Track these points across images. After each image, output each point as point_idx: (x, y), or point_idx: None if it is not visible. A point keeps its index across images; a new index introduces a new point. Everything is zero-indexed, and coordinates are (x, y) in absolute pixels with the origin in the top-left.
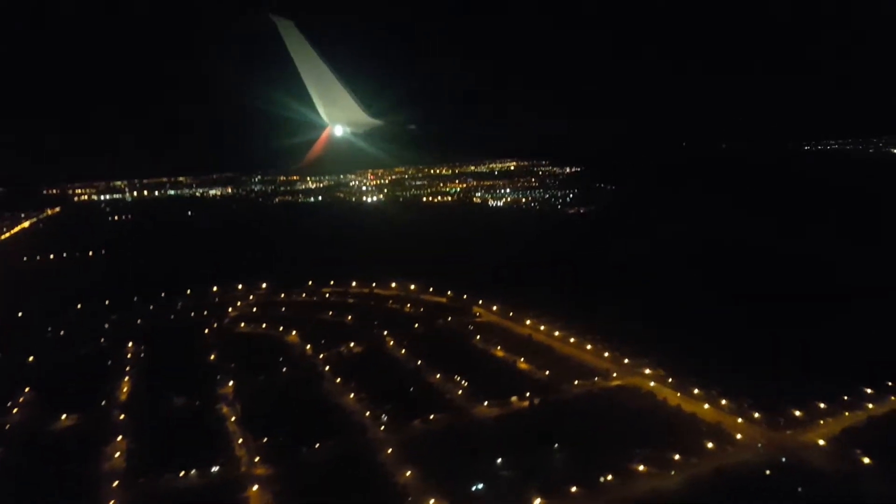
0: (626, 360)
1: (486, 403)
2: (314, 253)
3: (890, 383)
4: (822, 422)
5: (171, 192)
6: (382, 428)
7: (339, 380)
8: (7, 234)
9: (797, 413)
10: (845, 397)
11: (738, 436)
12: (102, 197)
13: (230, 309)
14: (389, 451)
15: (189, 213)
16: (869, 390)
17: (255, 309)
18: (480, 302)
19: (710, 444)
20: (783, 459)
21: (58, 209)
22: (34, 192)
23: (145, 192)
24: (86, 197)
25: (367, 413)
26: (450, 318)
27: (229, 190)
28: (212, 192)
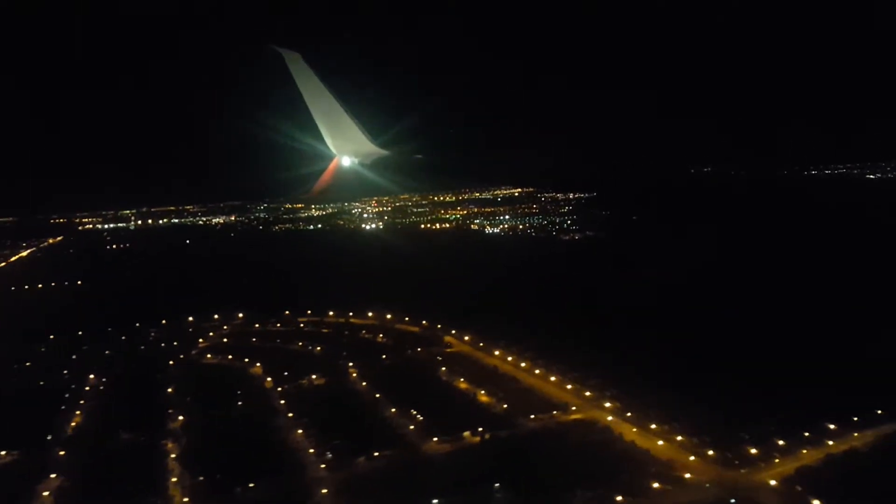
0: (588, 393)
1: (435, 440)
2: (299, 281)
3: (855, 418)
4: (777, 460)
5: (175, 221)
6: (324, 466)
7: (291, 415)
8: (3, 264)
9: (752, 450)
10: (806, 433)
11: (687, 475)
12: (107, 226)
13: (200, 340)
14: (324, 490)
15: (187, 241)
16: (831, 426)
17: (225, 339)
18: (454, 332)
19: (655, 484)
20: (732, 501)
21: (59, 238)
22: (40, 220)
23: (150, 221)
24: (90, 226)
25: (312, 450)
26: (419, 349)
27: (232, 218)
28: (215, 220)
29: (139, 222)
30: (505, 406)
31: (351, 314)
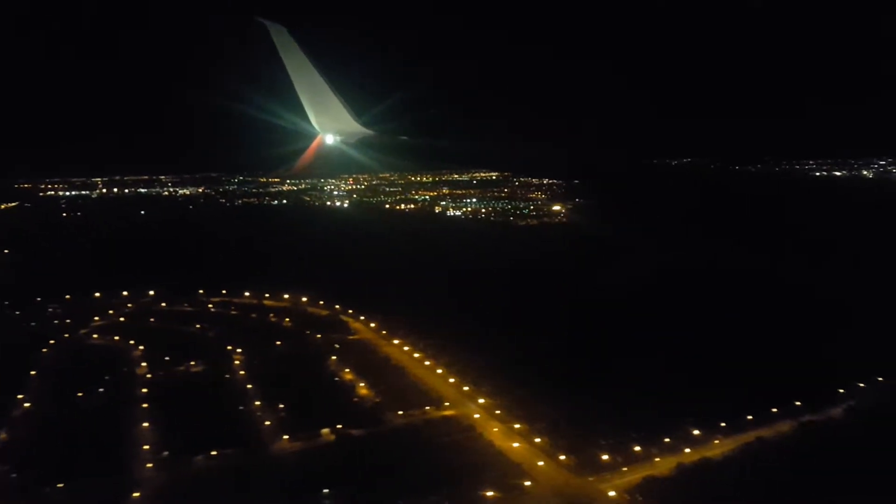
0: (466, 388)
1: (286, 437)
2: (233, 258)
3: (723, 423)
4: (625, 468)
5: (142, 190)
6: (151, 465)
7: (146, 405)
8: None
9: (605, 457)
10: (666, 439)
11: (528, 483)
12: (70, 193)
13: (96, 318)
14: (136, 494)
15: (142, 212)
16: (696, 431)
17: (122, 319)
18: (362, 318)
19: (490, 493)
20: None
21: (14, 204)
22: (5, 184)
23: (115, 190)
24: (53, 192)
25: (148, 447)
26: (318, 336)
27: (200, 190)
28: (182, 191)
29: (104, 191)
30: (378, 400)
31: (267, 296)
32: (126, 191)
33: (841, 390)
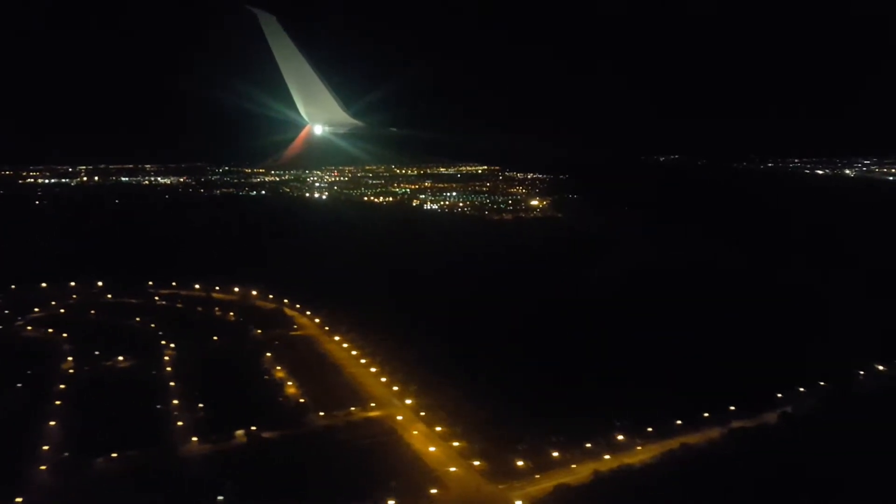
0: (396, 388)
1: (195, 439)
2: (193, 248)
3: (650, 429)
4: (538, 476)
5: (123, 179)
6: (44, 468)
7: (59, 402)
8: None
9: (520, 463)
10: (588, 444)
11: (434, 490)
12: (49, 181)
13: (36, 309)
14: (19, 499)
15: (116, 200)
16: (620, 437)
17: (62, 310)
18: (308, 312)
19: (392, 502)
20: None
21: None
22: None
23: (96, 178)
24: (32, 180)
25: (47, 447)
26: (259, 331)
27: (181, 180)
28: (163, 180)
29: (84, 179)
30: (304, 401)
31: (217, 288)
32: (108, 179)
33: (779, 394)
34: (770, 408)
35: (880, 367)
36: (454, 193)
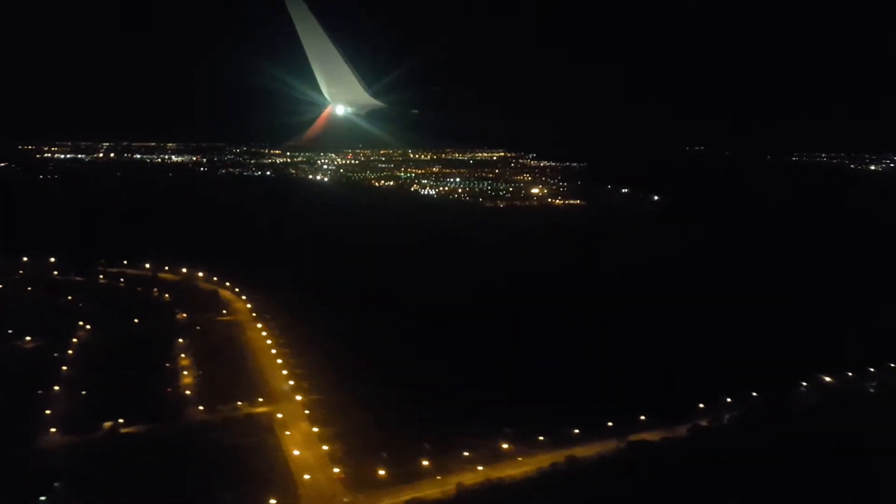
0: (291, 383)
1: (53, 430)
2: (162, 227)
3: (542, 437)
4: (396, 487)
5: (137, 156)
6: None
7: None
8: None
9: (381, 472)
10: (465, 453)
11: (273, 502)
12: (65, 156)
13: None
14: None
15: (118, 173)
16: (505, 446)
17: (0, 286)
18: (244, 297)
19: None
20: None
21: (2, 164)
22: (7, 145)
23: (112, 155)
24: (49, 155)
25: None
26: (184, 315)
27: (194, 158)
28: (176, 158)
29: (100, 155)
30: (188, 393)
31: (166, 268)
32: (123, 156)
33: (702, 405)
34: (687, 419)
35: (826, 379)
36: (457, 179)
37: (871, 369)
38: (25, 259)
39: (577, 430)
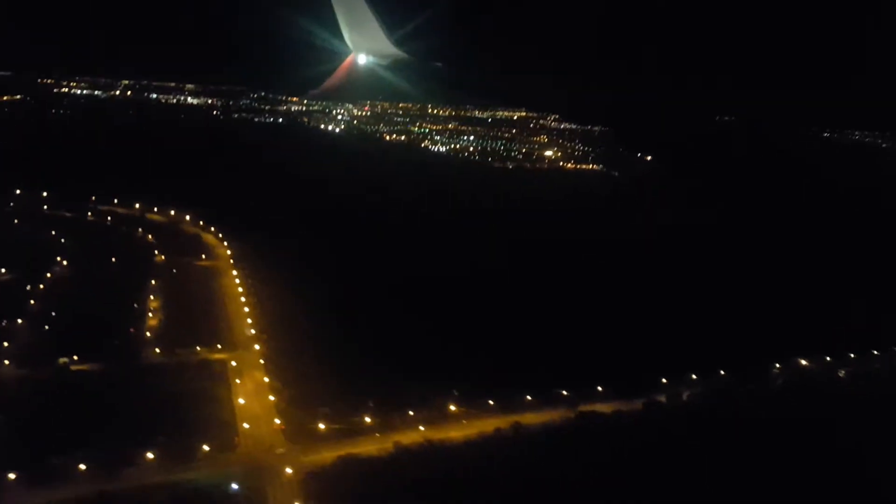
0: (253, 331)
1: (7, 363)
2: (163, 167)
3: (492, 402)
4: (333, 441)
5: (153, 96)
6: None
7: None
8: None
9: (321, 426)
10: (410, 412)
11: (205, 448)
12: (82, 92)
13: None
14: None
15: (130, 111)
16: (453, 408)
17: None
18: (227, 242)
19: (150, 454)
20: (234, 486)
21: (17, 97)
22: (27, 78)
23: (128, 93)
24: (66, 90)
25: None
26: (164, 257)
27: (209, 101)
28: (192, 100)
29: (117, 93)
30: (149, 335)
31: (155, 209)
32: (140, 95)
33: (665, 380)
34: (646, 393)
35: (802, 362)
36: (471, 138)
37: (852, 355)
38: (19, 192)
39: (529, 397)
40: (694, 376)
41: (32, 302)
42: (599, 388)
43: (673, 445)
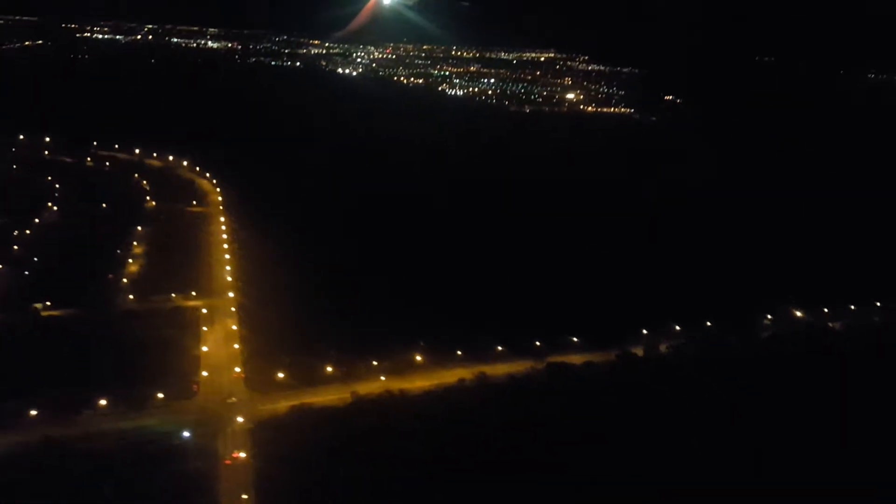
0: (230, 279)
1: None
2: (168, 113)
3: (460, 353)
4: (292, 392)
5: (174, 40)
6: None
7: None
8: None
9: (280, 375)
10: (374, 362)
11: (160, 395)
12: (104, 37)
13: None
14: None
15: (152, 60)
16: (419, 358)
17: None
18: (220, 189)
19: (103, 401)
20: (185, 433)
21: (39, 42)
22: (50, 22)
23: (150, 38)
24: (88, 35)
25: None
26: (154, 203)
27: (230, 45)
28: (212, 44)
29: (138, 38)
30: (125, 281)
31: (155, 155)
32: (161, 41)
33: (645, 331)
34: (623, 344)
35: (798, 313)
36: (491, 80)
37: (852, 307)
38: (22, 137)
39: (499, 348)
40: (678, 327)
41: (16, 248)
42: (574, 339)
43: (642, 398)
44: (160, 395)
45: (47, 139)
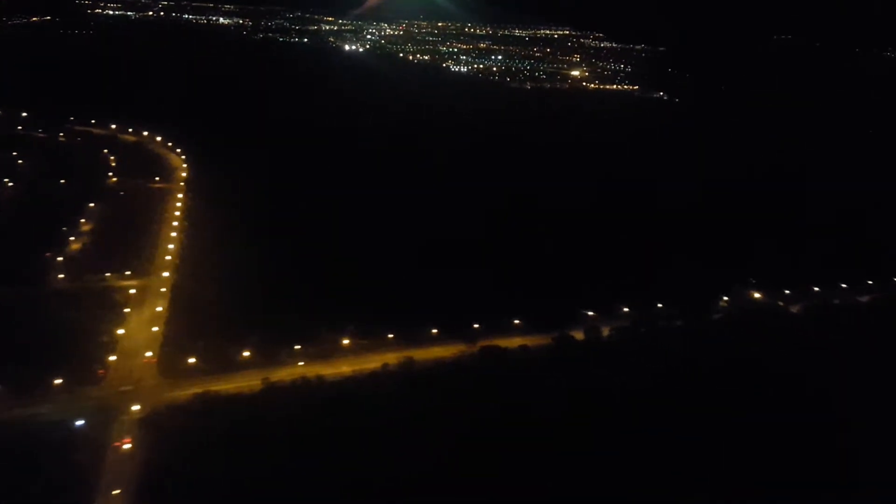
0: (169, 258)
1: None
2: (155, 89)
3: (391, 336)
4: (202, 377)
5: (186, 17)
6: None
7: None
8: None
9: (191, 360)
10: (297, 347)
11: (58, 381)
12: (115, 13)
13: None
14: None
15: (153, 34)
16: (345, 341)
17: None
18: (186, 165)
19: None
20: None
21: (47, 18)
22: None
23: (161, 14)
24: (99, 11)
25: None
26: (116, 179)
27: (240, 21)
28: (223, 20)
29: (150, 13)
30: (60, 259)
31: (130, 130)
32: (171, 16)
33: (591, 313)
34: (563, 328)
35: (756, 295)
36: (499, 57)
37: (816, 289)
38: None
39: (434, 331)
40: (626, 309)
41: None
42: (516, 322)
43: (573, 382)
44: (58, 381)
45: (24, 114)
